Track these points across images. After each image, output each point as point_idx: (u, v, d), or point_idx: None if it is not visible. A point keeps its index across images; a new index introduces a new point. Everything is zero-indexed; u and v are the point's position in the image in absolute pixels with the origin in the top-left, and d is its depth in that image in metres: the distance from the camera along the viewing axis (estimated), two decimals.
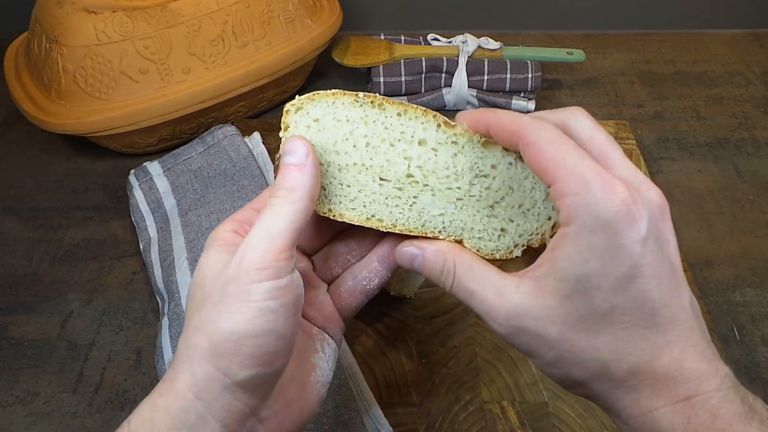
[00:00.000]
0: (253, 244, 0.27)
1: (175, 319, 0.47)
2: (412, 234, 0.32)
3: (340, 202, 0.32)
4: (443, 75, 0.68)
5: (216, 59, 0.60)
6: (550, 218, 0.31)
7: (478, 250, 0.32)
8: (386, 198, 0.32)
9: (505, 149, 0.31)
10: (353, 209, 0.32)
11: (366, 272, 0.35)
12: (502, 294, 0.28)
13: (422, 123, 0.32)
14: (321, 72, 0.75)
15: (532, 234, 0.32)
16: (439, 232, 0.33)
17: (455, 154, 0.32)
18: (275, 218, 0.28)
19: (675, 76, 0.76)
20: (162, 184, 0.57)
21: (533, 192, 0.31)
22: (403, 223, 0.32)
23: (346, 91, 0.32)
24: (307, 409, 0.31)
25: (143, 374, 0.48)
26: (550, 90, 0.74)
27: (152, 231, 0.55)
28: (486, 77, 0.67)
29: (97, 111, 0.57)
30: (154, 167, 0.59)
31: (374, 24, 0.82)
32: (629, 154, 0.63)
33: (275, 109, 0.71)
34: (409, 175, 0.32)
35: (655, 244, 0.26)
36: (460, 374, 0.47)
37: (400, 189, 0.32)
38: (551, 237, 0.31)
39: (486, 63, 0.67)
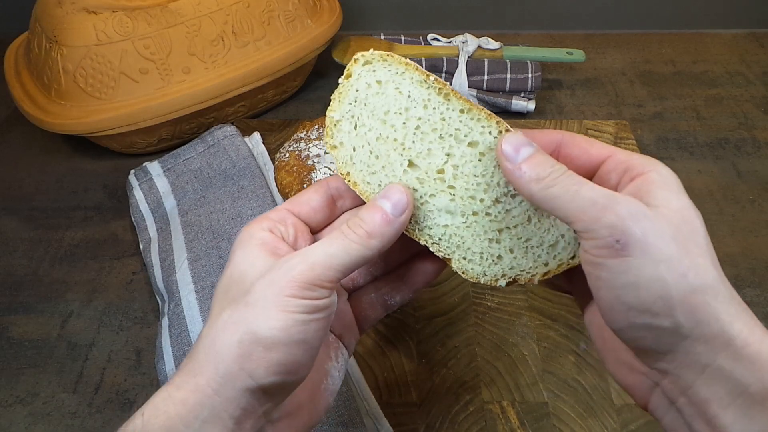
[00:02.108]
0: (309, 262, 0.27)
1: (175, 319, 0.47)
2: (407, 233, 0.32)
3: (360, 171, 0.32)
4: (443, 75, 0.68)
5: (216, 59, 0.60)
6: (546, 264, 0.31)
7: (463, 272, 0.32)
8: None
9: None
10: (368, 183, 0.32)
11: (389, 287, 0.36)
12: (615, 195, 0.26)
13: (483, 126, 0.30)
14: (321, 72, 0.75)
15: (523, 270, 0.32)
16: (433, 243, 0.32)
17: (498, 165, 0.30)
18: (342, 251, 0.28)
19: (675, 76, 0.76)
20: (162, 184, 0.57)
21: (547, 233, 0.31)
22: None
23: (419, 67, 0.31)
24: (315, 415, 0.31)
25: (143, 374, 0.48)
26: (550, 90, 0.74)
27: (152, 231, 0.55)
28: (486, 77, 0.67)
29: (97, 111, 0.57)
30: (154, 167, 0.59)
31: (374, 24, 0.82)
32: None
33: (275, 109, 0.71)
34: (440, 171, 0.31)
35: None
36: (460, 374, 0.47)
37: (420, 183, 0.31)
38: (539, 281, 0.31)
39: (486, 63, 0.67)
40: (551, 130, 0.31)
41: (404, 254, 0.36)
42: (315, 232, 0.33)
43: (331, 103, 0.32)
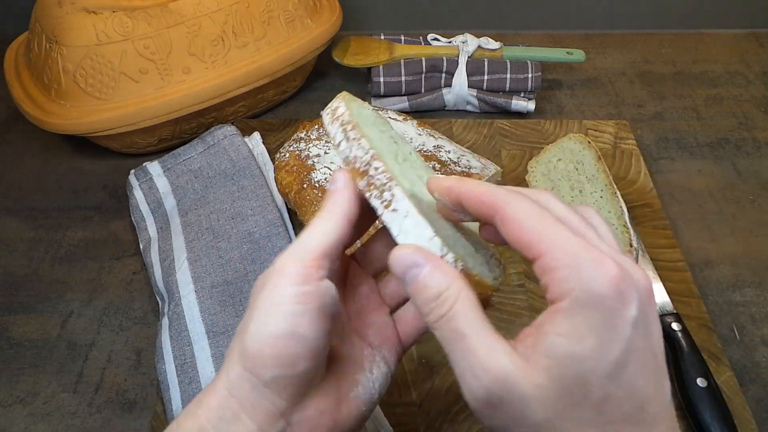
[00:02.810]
0: (285, 254, 0.29)
1: (175, 319, 0.47)
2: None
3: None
4: (443, 75, 0.68)
5: (216, 59, 0.60)
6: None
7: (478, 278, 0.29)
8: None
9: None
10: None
11: None
12: (494, 352, 0.24)
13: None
14: (321, 72, 0.75)
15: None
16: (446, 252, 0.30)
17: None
18: (310, 233, 0.30)
19: (675, 76, 0.76)
20: (162, 184, 0.57)
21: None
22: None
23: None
24: (342, 424, 0.31)
25: (143, 374, 0.48)
26: (550, 90, 0.74)
27: (152, 231, 0.55)
28: (486, 77, 0.67)
29: (97, 111, 0.57)
30: (154, 167, 0.59)
31: (374, 24, 0.82)
32: (629, 154, 0.63)
33: (275, 109, 0.71)
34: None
35: (643, 329, 0.24)
36: None
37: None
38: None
39: (486, 63, 0.67)
40: (489, 198, 0.26)
41: None
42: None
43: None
